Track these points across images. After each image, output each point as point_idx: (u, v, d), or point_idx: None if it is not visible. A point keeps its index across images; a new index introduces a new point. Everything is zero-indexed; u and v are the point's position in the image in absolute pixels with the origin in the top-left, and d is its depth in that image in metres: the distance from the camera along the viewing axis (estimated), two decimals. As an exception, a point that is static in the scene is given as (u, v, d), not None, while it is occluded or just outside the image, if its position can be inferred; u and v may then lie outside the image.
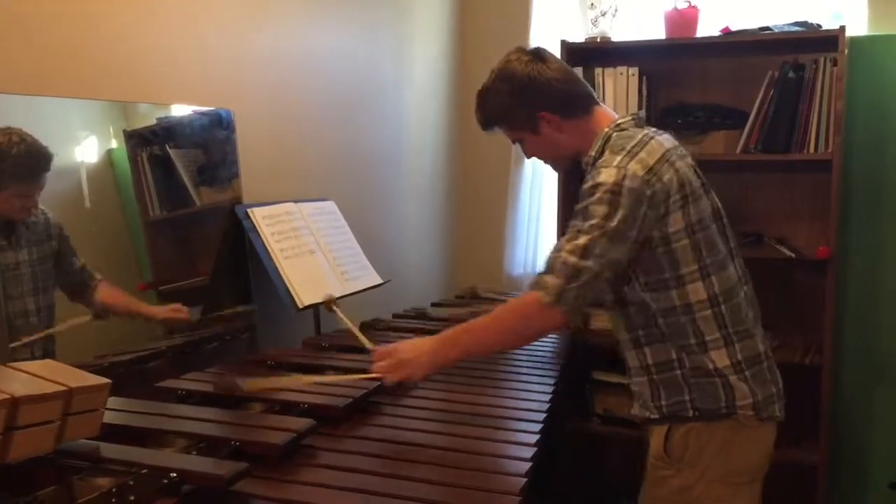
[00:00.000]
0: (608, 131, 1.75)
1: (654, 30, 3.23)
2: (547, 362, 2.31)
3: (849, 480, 3.24)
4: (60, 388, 1.34)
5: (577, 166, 1.84)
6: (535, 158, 1.91)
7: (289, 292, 2.28)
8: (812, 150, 2.93)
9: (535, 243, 3.70)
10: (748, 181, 3.25)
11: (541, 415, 1.79)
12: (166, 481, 1.30)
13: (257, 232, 2.32)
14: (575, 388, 3.12)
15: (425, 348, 1.73)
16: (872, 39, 3.03)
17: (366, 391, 1.77)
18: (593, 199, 1.62)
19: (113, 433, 1.50)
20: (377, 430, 1.64)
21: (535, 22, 3.48)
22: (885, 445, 3.19)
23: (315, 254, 2.48)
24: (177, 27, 2.18)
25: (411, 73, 3.42)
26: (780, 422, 1.77)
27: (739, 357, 1.71)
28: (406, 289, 3.33)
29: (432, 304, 2.94)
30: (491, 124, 1.86)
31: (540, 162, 3.44)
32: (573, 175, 3.38)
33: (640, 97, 3.11)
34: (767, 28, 2.99)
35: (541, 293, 1.61)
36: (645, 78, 3.13)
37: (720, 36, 3.08)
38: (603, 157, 1.70)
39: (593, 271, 1.59)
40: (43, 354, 1.79)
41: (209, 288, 2.36)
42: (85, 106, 1.96)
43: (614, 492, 3.24)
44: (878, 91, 3.04)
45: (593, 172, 1.66)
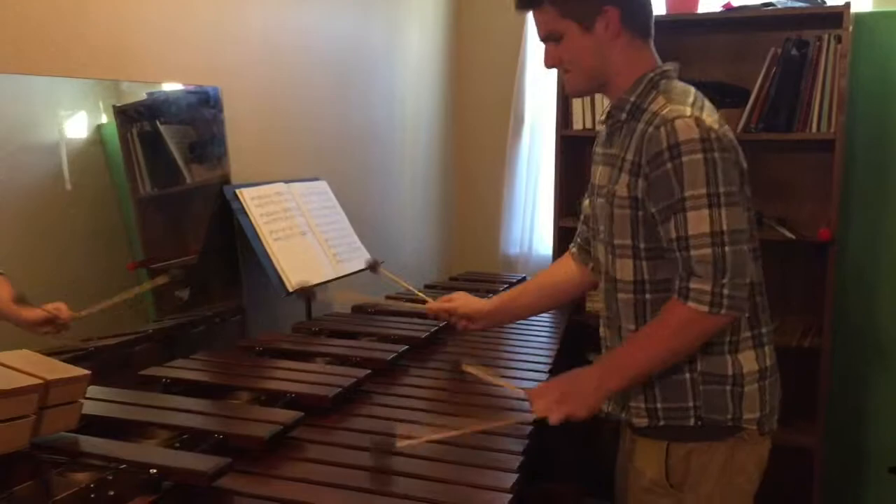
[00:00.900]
0: (653, 76, 1.53)
1: (655, 4, 3.14)
2: (542, 345, 2.27)
3: (847, 464, 3.22)
4: (36, 380, 1.29)
5: (579, 140, 1.71)
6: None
7: (278, 275, 2.23)
8: (815, 129, 2.88)
9: (532, 222, 3.66)
10: (749, 160, 3.10)
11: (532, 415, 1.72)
12: (146, 477, 1.26)
13: (246, 213, 2.26)
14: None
15: (586, 380, 1.53)
16: (878, 16, 2.96)
17: (355, 380, 1.73)
18: (685, 163, 1.41)
19: (93, 425, 1.46)
20: (367, 422, 1.59)
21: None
22: (885, 429, 3.16)
23: (306, 235, 2.42)
24: (162, 2, 2.10)
25: (405, 46, 3.34)
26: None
27: (767, 363, 1.55)
28: (400, 270, 3.26)
29: (426, 286, 2.89)
30: None
31: (538, 137, 3.39)
32: (571, 150, 3.40)
33: (640, 74, 3.03)
34: (770, 3, 2.93)
35: (694, 304, 1.42)
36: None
37: (722, 11, 3.02)
38: (652, 101, 1.50)
39: (732, 255, 1.40)
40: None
41: (197, 270, 2.30)
42: (72, 84, 1.90)
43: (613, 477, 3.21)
44: (883, 69, 2.98)
45: (657, 128, 1.43)
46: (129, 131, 2.10)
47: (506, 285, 2.86)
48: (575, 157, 3.33)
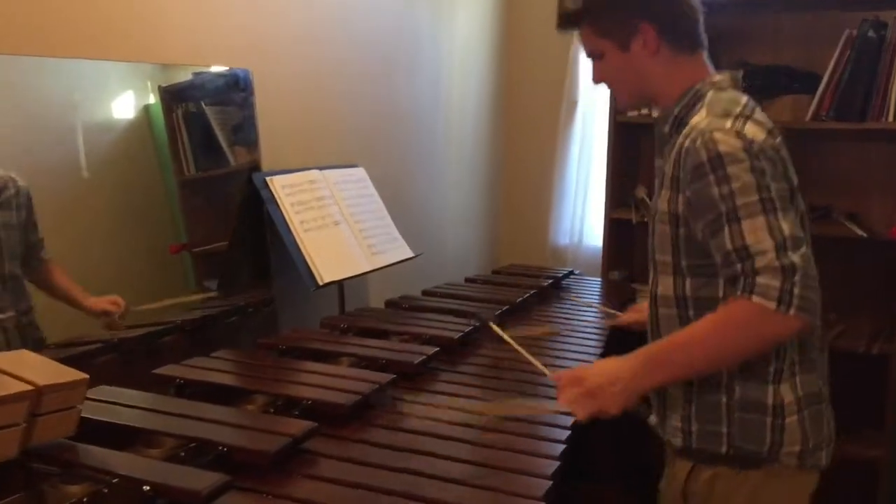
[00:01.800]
0: (701, 88, 1.47)
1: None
2: (589, 342, 2.13)
3: (916, 478, 3.00)
4: (26, 387, 1.21)
5: (634, 128, 1.59)
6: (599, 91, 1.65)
7: (308, 268, 2.13)
8: (891, 118, 2.71)
9: (583, 211, 3.51)
10: (818, 151, 3.03)
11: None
12: (138, 494, 1.17)
13: (276, 202, 2.17)
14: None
15: (621, 373, 1.43)
16: (966, -6, 2.71)
17: (378, 385, 1.61)
18: (729, 174, 1.32)
19: (97, 430, 1.38)
20: (389, 435, 1.47)
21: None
22: (959, 442, 2.93)
23: (340, 225, 2.32)
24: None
25: (451, 26, 3.20)
26: (824, 470, 1.50)
27: (801, 392, 1.44)
28: (443, 262, 3.17)
29: (466, 280, 2.76)
30: (579, 19, 1.54)
31: (591, 123, 3.25)
32: (625, 138, 3.23)
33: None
34: (846, -19, 2.72)
35: (760, 299, 1.29)
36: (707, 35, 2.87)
37: (792, -10, 2.82)
38: (695, 114, 1.43)
39: (800, 259, 1.30)
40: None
41: (226, 260, 2.22)
42: (118, 67, 1.89)
43: (656, 473, 3.07)
44: (970, 53, 2.74)
45: (694, 142, 1.36)
46: (174, 112, 2.08)
47: (550, 280, 2.72)
48: (629, 145, 3.18)
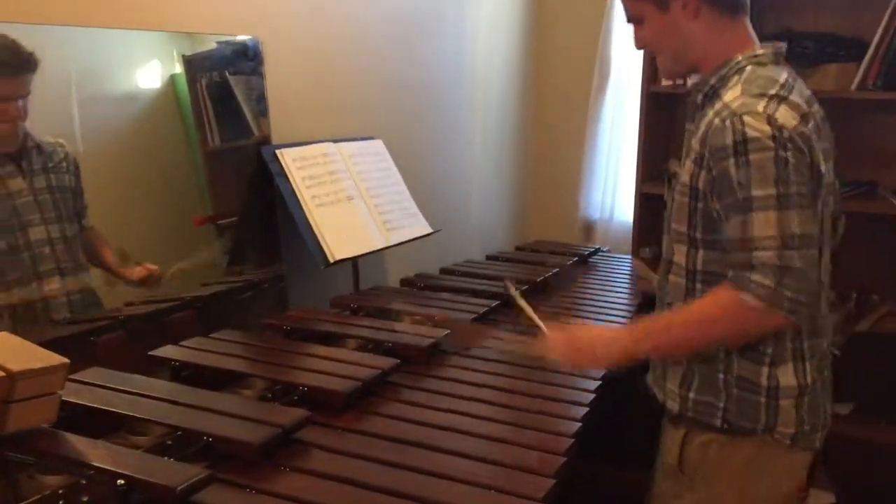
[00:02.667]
0: (741, 60, 1.41)
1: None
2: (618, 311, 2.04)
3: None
4: (-2, 373, 1.15)
5: (667, 99, 1.50)
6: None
7: (319, 245, 2.05)
8: (944, 88, 2.51)
9: (615, 185, 3.38)
10: (863, 122, 2.86)
11: (595, 383, 1.61)
12: (112, 488, 1.11)
13: (286, 176, 2.08)
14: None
15: (604, 339, 1.46)
16: None
17: (380, 371, 1.53)
18: (752, 161, 1.28)
19: (82, 416, 1.33)
20: (388, 425, 1.39)
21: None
22: None
23: (353, 200, 2.23)
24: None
25: (477, -8, 3.07)
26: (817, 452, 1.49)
27: (808, 379, 1.42)
28: (467, 238, 3.07)
29: (487, 258, 2.67)
30: None
31: (623, 93, 3.12)
32: (657, 110, 3.09)
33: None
34: (898, -60, 2.53)
35: (748, 296, 1.29)
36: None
37: (839, -49, 2.64)
38: (728, 88, 1.38)
39: (801, 261, 1.27)
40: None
41: (236, 236, 2.16)
42: (143, 36, 1.87)
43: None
44: None
45: (724, 120, 1.32)
46: (198, 82, 2.03)
47: (576, 258, 2.61)
48: (662, 117, 3.03)
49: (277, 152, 2.10)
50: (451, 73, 2.97)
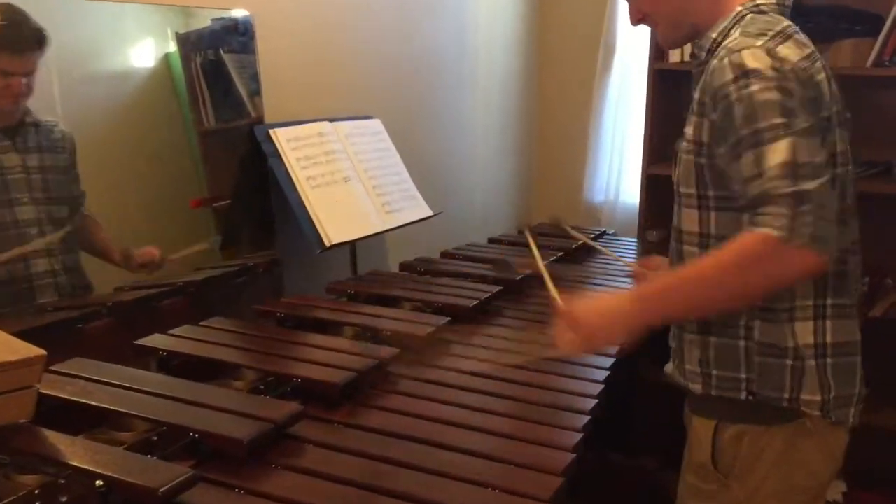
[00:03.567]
0: (741, 10, 1.35)
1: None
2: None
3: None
4: (-35, 367, 1.08)
5: (674, 76, 1.42)
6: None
7: (314, 228, 1.98)
8: (964, 64, 2.43)
9: (620, 166, 3.31)
10: (879, 100, 2.82)
11: (604, 372, 1.55)
12: (90, 489, 1.04)
13: (280, 157, 2.00)
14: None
15: (617, 311, 1.30)
16: None
17: (377, 361, 1.46)
18: (754, 92, 1.21)
19: (62, 411, 1.26)
20: (386, 418, 1.32)
21: None
22: None
23: (350, 182, 2.15)
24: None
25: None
26: (854, 428, 1.41)
27: (828, 339, 1.34)
28: (469, 221, 2.99)
29: (490, 241, 2.59)
30: None
31: (629, 70, 3.03)
32: (664, 88, 3.00)
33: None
34: None
35: (767, 230, 1.17)
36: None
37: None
38: (729, 38, 1.31)
39: (816, 186, 1.17)
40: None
41: (228, 220, 2.08)
42: (136, 9, 1.81)
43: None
44: None
45: (721, 60, 1.26)
46: (192, 60, 1.98)
47: (581, 241, 2.52)
48: (669, 95, 2.94)
49: (271, 132, 2.02)
50: (451, 50, 2.88)
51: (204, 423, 1.21)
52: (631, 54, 3.19)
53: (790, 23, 1.33)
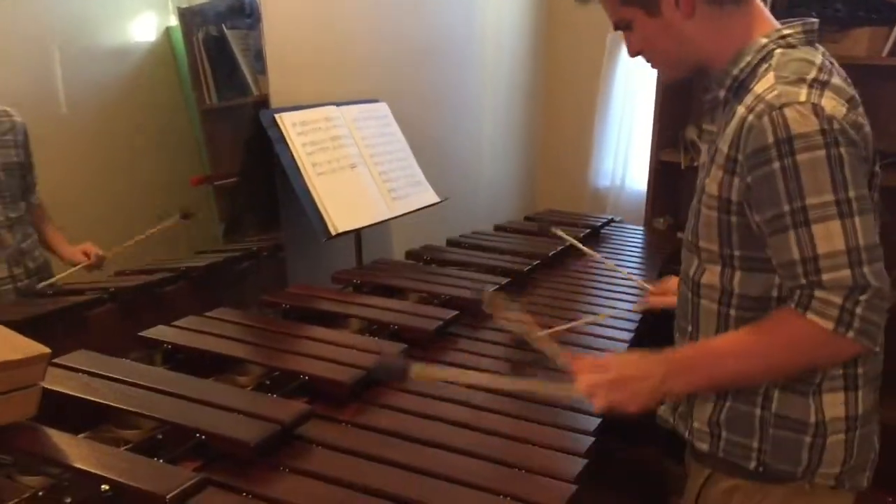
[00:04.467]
0: (767, 44, 1.20)
1: None
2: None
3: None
4: (-32, 367, 1.05)
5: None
6: (640, 59, 1.31)
7: (320, 216, 1.94)
8: (982, 55, 2.38)
9: (627, 152, 3.25)
10: (894, 89, 2.71)
11: None
12: (96, 495, 1.02)
13: (285, 142, 1.96)
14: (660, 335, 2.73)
15: (651, 370, 1.24)
16: None
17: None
18: (800, 162, 1.10)
19: (66, 407, 1.24)
20: (395, 418, 1.30)
21: None
22: None
23: (357, 168, 2.11)
24: None
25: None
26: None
27: (860, 410, 1.23)
28: (475, 207, 2.95)
29: (496, 228, 2.56)
30: None
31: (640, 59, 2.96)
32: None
33: (767, -17, 2.56)
34: None
35: (816, 317, 1.11)
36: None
37: None
38: (758, 78, 1.18)
39: (875, 276, 1.10)
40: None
41: (231, 206, 2.05)
42: None
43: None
44: None
45: (760, 118, 1.12)
46: (194, 36, 1.95)
47: (588, 229, 2.50)
48: (680, 81, 2.88)
49: (276, 116, 1.98)
50: (459, 32, 2.83)
51: (210, 424, 1.18)
52: (640, 38, 3.14)
53: (822, 52, 1.22)
